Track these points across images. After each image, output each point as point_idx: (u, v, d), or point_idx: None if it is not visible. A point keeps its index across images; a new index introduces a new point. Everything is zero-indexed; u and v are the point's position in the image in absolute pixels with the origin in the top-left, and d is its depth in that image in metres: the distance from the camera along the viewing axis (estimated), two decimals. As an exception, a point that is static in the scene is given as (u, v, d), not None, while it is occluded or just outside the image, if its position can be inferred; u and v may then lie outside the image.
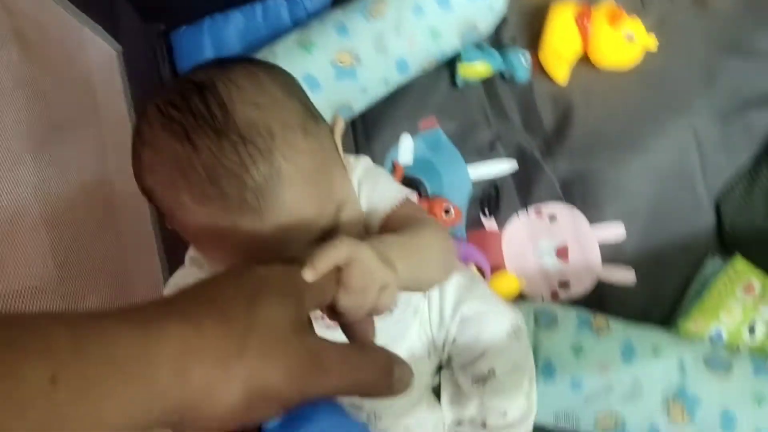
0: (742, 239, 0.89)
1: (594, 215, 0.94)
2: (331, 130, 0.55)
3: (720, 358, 0.76)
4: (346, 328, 0.43)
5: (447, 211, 0.92)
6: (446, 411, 0.75)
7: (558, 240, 0.94)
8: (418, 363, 0.72)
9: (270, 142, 0.46)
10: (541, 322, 0.79)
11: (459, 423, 0.76)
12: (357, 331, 0.43)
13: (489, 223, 0.96)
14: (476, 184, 0.97)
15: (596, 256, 0.92)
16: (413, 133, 1.00)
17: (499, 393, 0.71)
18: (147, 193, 0.51)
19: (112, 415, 0.26)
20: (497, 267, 0.92)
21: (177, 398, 0.29)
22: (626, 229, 0.92)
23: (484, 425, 0.73)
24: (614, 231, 0.92)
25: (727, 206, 0.90)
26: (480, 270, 0.91)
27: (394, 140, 1.00)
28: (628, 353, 0.76)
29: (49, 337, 0.26)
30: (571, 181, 0.95)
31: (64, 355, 0.25)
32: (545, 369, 0.77)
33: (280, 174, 0.46)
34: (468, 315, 0.69)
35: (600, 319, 0.80)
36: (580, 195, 0.94)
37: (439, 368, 0.74)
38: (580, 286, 0.91)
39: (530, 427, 0.74)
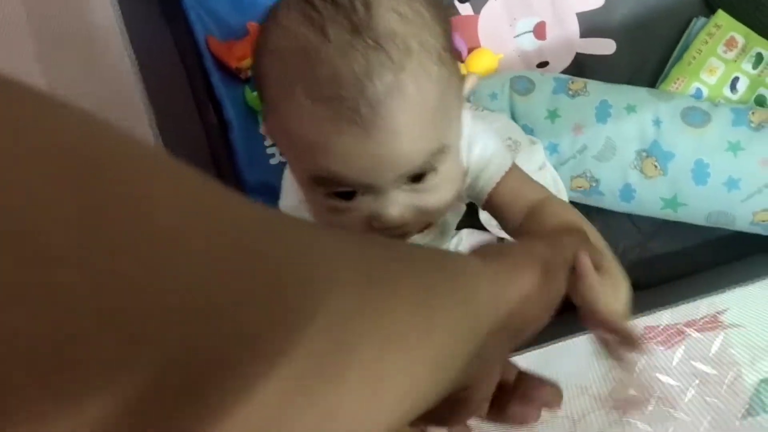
0: (726, -4, 0.85)
1: (572, -13, 0.89)
2: (461, 79, 0.51)
3: (699, 111, 0.74)
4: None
5: (417, -5, 0.88)
6: (483, 215, 0.75)
7: (536, 18, 0.90)
8: None
9: (403, 57, 0.43)
10: (518, 89, 0.78)
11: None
12: None
13: (464, 8, 0.92)
14: (448, -32, 0.92)
15: (574, 29, 0.89)
16: None
17: None
18: (258, 76, 0.48)
19: (447, 319, 0.26)
20: (473, 50, 0.89)
21: (498, 306, 0.31)
22: (605, -4, 0.88)
23: None
24: (593, 0, 0.88)
25: (712, -39, 0.85)
26: (456, 53, 0.88)
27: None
28: (602, 113, 0.74)
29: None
30: (546, -48, 0.90)
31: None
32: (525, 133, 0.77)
33: (403, 93, 0.42)
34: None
35: (578, 82, 0.78)
36: (557, -34, 0.89)
37: None
38: (559, 64, 0.89)
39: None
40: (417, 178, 0.48)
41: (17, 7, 0.73)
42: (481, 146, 0.56)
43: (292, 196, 0.59)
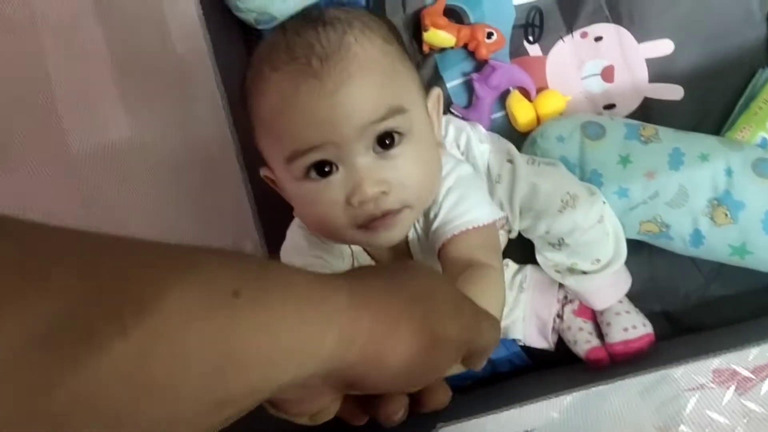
0: (794, 49, 0.87)
1: (641, 33, 0.92)
2: (425, 96, 0.60)
3: (769, 162, 0.77)
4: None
5: (490, 35, 0.91)
6: (540, 257, 0.78)
7: (604, 61, 0.93)
8: None
9: (347, 27, 0.54)
10: (589, 134, 0.80)
11: (557, 269, 0.79)
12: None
13: (533, 49, 0.95)
14: (520, 10, 0.95)
15: (643, 74, 0.91)
16: (453, -40, 0.97)
17: (577, 252, 0.75)
18: (245, 99, 0.59)
19: (285, 341, 0.27)
20: (541, 90, 0.92)
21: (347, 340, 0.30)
22: (675, 45, 0.91)
23: (582, 272, 0.77)
24: (662, 47, 0.91)
25: (780, 16, 0.88)
26: (525, 92, 0.91)
27: (434, -31, 0.97)
28: (675, 160, 0.77)
29: (241, 263, 0.28)
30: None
31: (250, 279, 0.28)
32: (592, 180, 0.79)
33: (349, 49, 0.52)
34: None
35: (649, 129, 0.80)
36: (627, 13, 0.92)
37: None
38: (626, 107, 0.91)
39: (624, 252, 0.77)
40: (384, 143, 0.54)
41: (99, 42, 0.74)
42: (457, 196, 0.60)
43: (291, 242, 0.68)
